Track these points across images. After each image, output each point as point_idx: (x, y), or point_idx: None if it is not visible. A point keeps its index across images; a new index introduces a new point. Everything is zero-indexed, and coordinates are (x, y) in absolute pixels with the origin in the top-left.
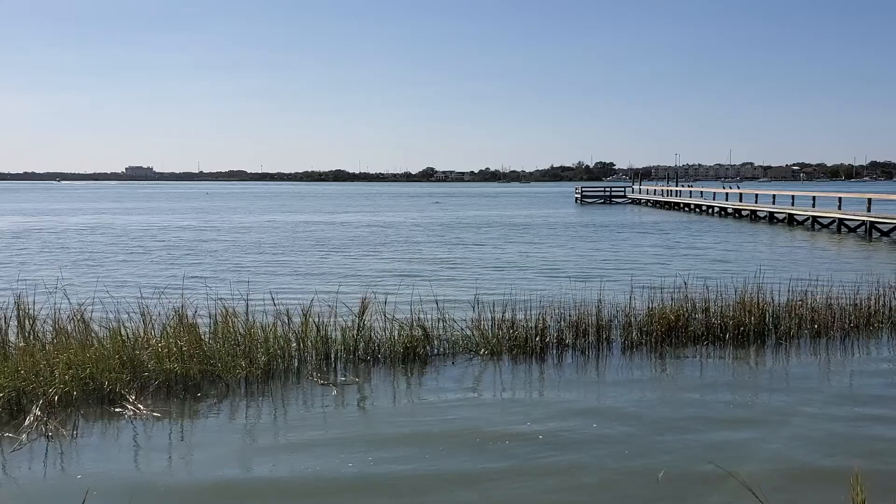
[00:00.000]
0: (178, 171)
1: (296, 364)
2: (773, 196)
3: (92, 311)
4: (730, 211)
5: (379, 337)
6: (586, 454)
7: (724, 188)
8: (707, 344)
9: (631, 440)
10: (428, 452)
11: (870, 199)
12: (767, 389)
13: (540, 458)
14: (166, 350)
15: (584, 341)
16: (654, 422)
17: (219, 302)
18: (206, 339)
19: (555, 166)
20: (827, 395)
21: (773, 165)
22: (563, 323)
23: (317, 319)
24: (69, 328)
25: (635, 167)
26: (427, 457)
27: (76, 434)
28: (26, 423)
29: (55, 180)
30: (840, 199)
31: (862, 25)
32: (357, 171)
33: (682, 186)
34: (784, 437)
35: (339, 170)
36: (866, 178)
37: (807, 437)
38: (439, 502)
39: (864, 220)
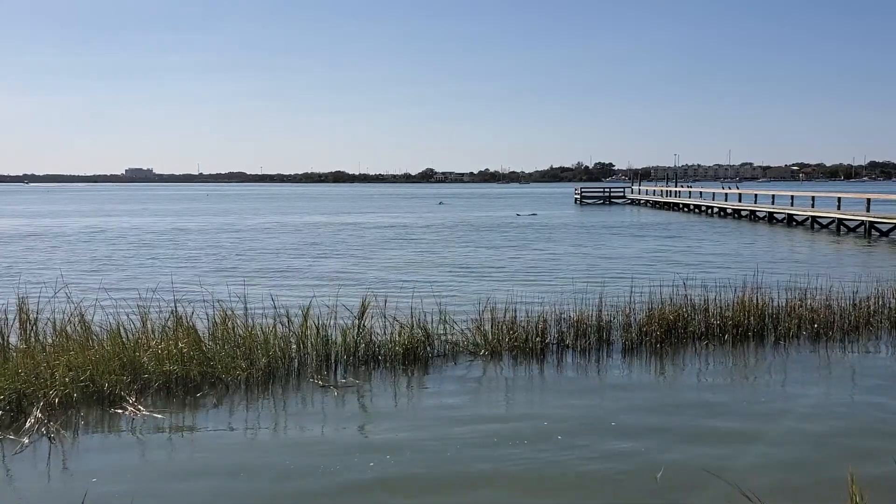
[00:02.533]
0: (177, 173)
1: (296, 365)
2: (773, 196)
3: (93, 314)
4: (729, 211)
5: (379, 338)
6: (586, 453)
7: (723, 188)
8: (706, 344)
9: (630, 440)
10: (428, 454)
11: (869, 199)
12: (766, 390)
13: (540, 458)
14: (166, 352)
15: (585, 341)
16: (653, 422)
17: (218, 303)
18: (206, 341)
19: (554, 167)
20: (826, 396)
21: (772, 166)
22: (563, 323)
23: (317, 321)
24: (69, 330)
25: (634, 168)
26: (427, 458)
27: (77, 436)
28: (27, 425)
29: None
30: (839, 199)
31: (862, 25)
32: (356, 173)
33: (682, 187)
34: (783, 438)
35: (339, 171)
36: (865, 179)
37: (806, 438)
38: (440, 503)
39: (863, 220)
